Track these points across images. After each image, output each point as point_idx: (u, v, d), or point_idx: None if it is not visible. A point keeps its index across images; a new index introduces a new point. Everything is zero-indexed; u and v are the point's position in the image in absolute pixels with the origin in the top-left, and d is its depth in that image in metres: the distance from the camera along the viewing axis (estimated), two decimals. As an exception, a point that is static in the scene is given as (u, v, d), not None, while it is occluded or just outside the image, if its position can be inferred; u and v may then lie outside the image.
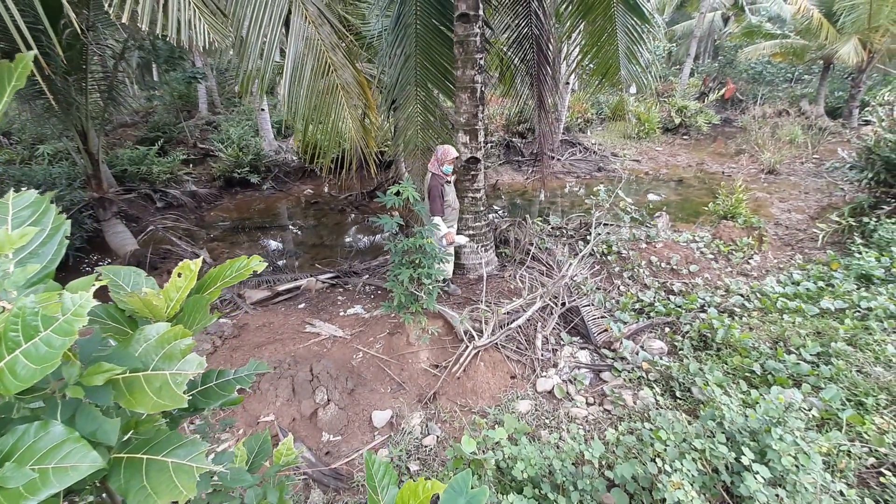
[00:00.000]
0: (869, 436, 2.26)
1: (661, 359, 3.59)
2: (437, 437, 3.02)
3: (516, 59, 6.08)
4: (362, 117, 3.85)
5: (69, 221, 0.88)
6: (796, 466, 1.76)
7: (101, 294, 0.99)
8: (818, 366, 3.01)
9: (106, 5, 2.10)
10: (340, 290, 5.10)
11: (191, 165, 10.40)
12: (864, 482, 2.09)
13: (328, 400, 3.20)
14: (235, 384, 1.11)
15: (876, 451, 2.19)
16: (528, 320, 4.05)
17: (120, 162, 8.91)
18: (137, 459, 0.80)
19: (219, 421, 1.80)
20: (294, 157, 10.73)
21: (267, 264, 1.22)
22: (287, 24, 3.33)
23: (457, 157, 4.28)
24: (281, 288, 4.91)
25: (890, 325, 3.31)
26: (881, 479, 2.02)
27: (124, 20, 2.04)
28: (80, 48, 5.47)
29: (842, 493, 1.90)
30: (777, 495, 1.69)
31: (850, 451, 2.16)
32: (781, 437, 1.84)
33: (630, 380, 3.43)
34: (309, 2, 3.14)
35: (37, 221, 0.86)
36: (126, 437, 0.84)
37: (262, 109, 10.87)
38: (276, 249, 7.23)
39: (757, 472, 1.75)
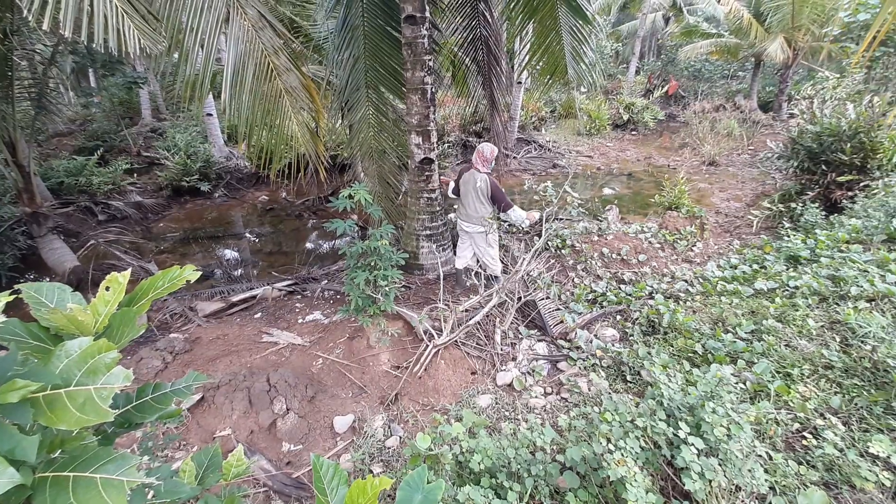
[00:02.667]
0: (794, 403, 2.46)
1: (613, 345, 3.75)
2: (400, 437, 3.03)
3: (467, 59, 6.17)
4: (311, 122, 3.81)
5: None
6: (727, 436, 1.90)
7: (26, 313, 0.96)
8: (752, 342, 3.23)
9: (25, 12, 1.99)
10: (299, 296, 5.02)
11: (135, 175, 9.90)
12: (791, 446, 2.28)
13: (287, 409, 3.15)
14: (173, 396, 1.10)
15: (799, 417, 2.39)
16: (487, 316, 4.13)
17: (55, 174, 8.37)
18: (64, 477, 0.78)
19: (165, 435, 1.76)
20: (246, 163, 10.41)
21: (201, 274, 1.21)
22: (227, 24, 3.25)
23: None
24: (235, 298, 4.77)
25: (813, 301, 3.60)
26: (804, 441, 2.21)
27: (45, 27, 1.94)
28: (2, 54, 5.12)
29: (770, 457, 2.07)
30: (710, 464, 1.82)
31: (777, 419, 2.35)
32: (714, 410, 1.99)
33: (585, 367, 3.57)
34: (248, 5, 3.08)
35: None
36: (53, 456, 0.82)
37: (210, 114, 10.49)
38: (231, 259, 7.01)
39: (692, 445, 1.88)
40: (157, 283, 1.11)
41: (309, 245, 7.55)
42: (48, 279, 6.13)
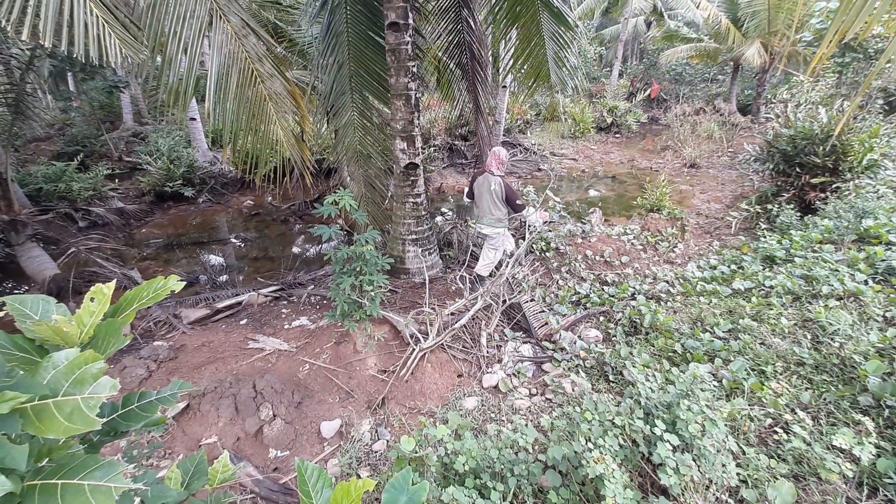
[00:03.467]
0: (767, 400, 2.56)
1: (596, 346, 3.83)
2: (387, 441, 3.06)
3: (452, 64, 6.24)
4: (296, 128, 3.83)
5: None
6: (701, 432, 1.98)
7: (10, 325, 0.98)
8: (729, 341, 3.34)
9: (3, 21, 1.98)
10: (285, 302, 5.01)
11: (116, 180, 9.74)
12: (763, 441, 2.37)
13: (274, 415, 3.16)
14: (158, 404, 1.12)
15: (772, 412, 2.49)
16: (473, 319, 4.18)
17: (34, 180, 8.21)
18: (52, 485, 0.80)
19: (149, 444, 1.76)
20: (231, 168, 10.33)
21: (186, 283, 1.24)
22: (210, 32, 3.26)
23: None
24: (221, 305, 4.75)
25: (787, 300, 3.72)
26: (776, 436, 2.30)
27: (25, 37, 1.94)
28: (-23, 59, 5.04)
29: (742, 452, 2.15)
30: (685, 459, 1.89)
31: (750, 415, 2.44)
32: (689, 407, 2.06)
33: (569, 368, 3.63)
34: (231, 13, 3.09)
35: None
36: (41, 465, 0.84)
37: (193, 119, 10.39)
38: (215, 265, 6.95)
39: (667, 441, 1.95)
40: (142, 294, 1.13)
41: (295, 250, 7.52)
42: (27, 288, 6.02)
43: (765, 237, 5.25)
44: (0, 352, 0.97)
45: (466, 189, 4.83)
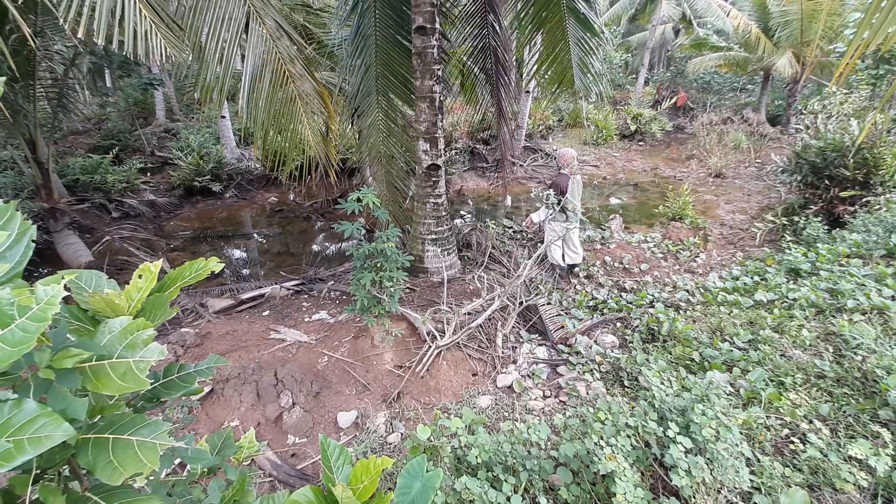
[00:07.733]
0: (784, 410, 2.53)
1: (612, 352, 3.82)
2: (402, 434, 3.13)
3: (476, 68, 6.30)
4: (322, 127, 3.94)
5: (35, 227, 0.96)
6: (715, 437, 1.98)
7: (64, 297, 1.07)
8: (748, 352, 3.30)
9: (61, 20, 2.12)
10: (305, 296, 5.14)
11: (148, 174, 10.11)
12: (780, 451, 2.35)
13: (293, 403, 3.26)
14: (196, 376, 1.20)
15: (789, 423, 2.46)
16: (490, 319, 4.22)
17: (71, 171, 8.59)
18: (104, 439, 0.89)
19: (180, 421, 1.86)
20: (257, 165, 10.61)
21: (224, 266, 1.32)
22: (246, 34, 3.40)
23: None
24: (245, 296, 4.90)
25: (810, 313, 3.66)
26: (792, 446, 2.28)
27: (80, 35, 2.08)
28: (26, 54, 5.32)
29: (757, 460, 2.14)
30: (697, 462, 1.89)
31: (767, 425, 2.42)
32: (704, 412, 2.06)
33: (584, 372, 3.64)
34: (267, 15, 3.22)
35: (3, 227, 0.94)
36: (93, 421, 0.93)
37: (224, 117, 10.71)
38: (239, 258, 7.16)
39: (680, 443, 1.96)
40: (184, 273, 1.22)
41: (316, 247, 7.69)
42: (62, 273, 6.30)
43: (790, 249, 5.15)
44: (60, 319, 1.06)
45: (553, 191, 5.03)
